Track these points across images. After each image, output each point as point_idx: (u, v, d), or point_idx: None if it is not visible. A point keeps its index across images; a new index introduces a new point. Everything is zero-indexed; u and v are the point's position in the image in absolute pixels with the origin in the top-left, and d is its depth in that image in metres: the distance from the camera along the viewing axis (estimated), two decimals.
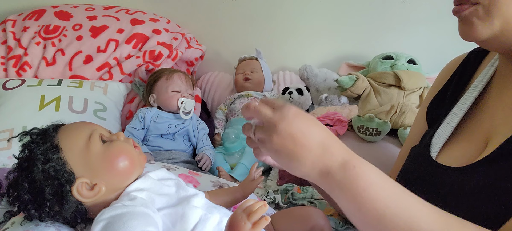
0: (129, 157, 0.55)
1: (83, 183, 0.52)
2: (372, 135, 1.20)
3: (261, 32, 1.71)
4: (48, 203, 0.51)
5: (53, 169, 0.51)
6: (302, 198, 0.94)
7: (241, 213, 0.43)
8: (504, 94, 0.52)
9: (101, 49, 1.40)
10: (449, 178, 0.52)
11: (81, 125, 0.57)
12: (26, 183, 0.51)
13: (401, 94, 1.36)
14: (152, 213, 0.50)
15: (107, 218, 0.47)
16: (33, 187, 0.51)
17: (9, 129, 1.12)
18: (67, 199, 0.52)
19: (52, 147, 0.52)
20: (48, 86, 1.27)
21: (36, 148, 0.52)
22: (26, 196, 0.51)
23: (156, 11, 1.63)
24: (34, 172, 0.51)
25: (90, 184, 0.52)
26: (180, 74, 1.30)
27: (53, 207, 0.52)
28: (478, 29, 0.46)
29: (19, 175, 0.52)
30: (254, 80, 1.52)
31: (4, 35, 1.44)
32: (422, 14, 1.59)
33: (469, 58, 0.64)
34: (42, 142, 0.53)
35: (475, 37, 0.47)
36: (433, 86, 0.70)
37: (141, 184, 0.55)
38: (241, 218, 0.42)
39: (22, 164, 0.53)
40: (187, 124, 1.26)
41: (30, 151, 0.53)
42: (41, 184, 0.51)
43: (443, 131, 0.58)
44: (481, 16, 0.45)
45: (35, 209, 0.52)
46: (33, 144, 0.53)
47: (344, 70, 1.61)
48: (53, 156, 0.51)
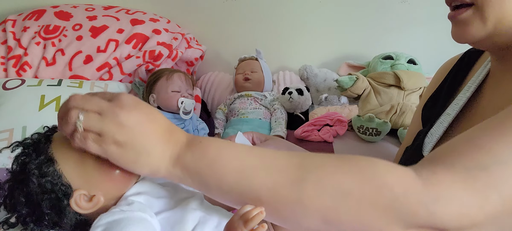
0: None
1: (81, 195, 0.50)
2: (372, 135, 1.20)
3: (261, 32, 1.72)
4: (47, 217, 0.50)
5: (49, 183, 0.49)
6: None
7: (238, 220, 0.42)
8: (496, 95, 0.52)
9: (101, 49, 1.40)
10: None
11: None
12: (23, 197, 0.50)
13: (401, 94, 1.36)
14: (149, 217, 0.49)
15: (104, 224, 0.46)
16: (30, 201, 0.50)
17: (9, 129, 1.12)
18: (65, 212, 0.50)
19: (46, 160, 0.50)
20: (48, 86, 1.26)
21: (30, 162, 0.50)
22: (23, 211, 0.50)
23: (156, 11, 1.63)
24: (30, 186, 0.49)
25: (88, 195, 0.51)
26: (180, 74, 1.30)
27: (52, 219, 0.51)
28: (472, 31, 0.46)
29: (15, 188, 0.51)
30: (254, 80, 1.52)
31: (4, 35, 1.44)
32: (422, 14, 1.59)
33: (464, 59, 0.65)
34: (36, 155, 0.50)
35: (469, 39, 0.48)
36: (429, 87, 0.71)
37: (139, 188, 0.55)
38: (238, 225, 0.42)
39: (17, 177, 0.51)
40: (187, 124, 1.26)
41: (23, 164, 0.51)
42: (38, 198, 0.49)
43: (436, 130, 0.58)
44: (476, 17, 0.46)
45: (34, 223, 0.51)
46: (26, 156, 0.51)
47: (344, 70, 1.61)
48: (48, 169, 0.49)
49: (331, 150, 1.21)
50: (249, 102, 1.48)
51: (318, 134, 1.27)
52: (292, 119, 1.44)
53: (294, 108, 1.45)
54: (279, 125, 1.38)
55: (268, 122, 1.45)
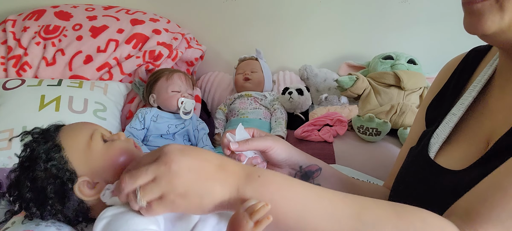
0: (130, 156, 0.55)
1: (85, 181, 0.52)
2: (372, 135, 1.20)
3: (261, 32, 1.72)
4: (50, 201, 0.52)
5: (55, 167, 0.51)
6: None
7: (243, 213, 0.43)
8: (506, 94, 0.51)
9: (101, 49, 1.40)
10: (447, 179, 0.51)
11: (83, 124, 0.57)
12: (28, 181, 0.52)
13: (401, 94, 1.36)
14: None
15: (109, 216, 0.47)
16: (35, 185, 0.51)
17: (9, 129, 1.12)
18: (68, 197, 0.52)
19: (54, 146, 0.52)
20: (48, 86, 1.26)
21: (38, 147, 0.52)
22: (28, 195, 0.52)
23: (156, 11, 1.63)
24: (36, 170, 0.51)
25: (92, 182, 0.53)
26: (180, 74, 1.30)
27: (55, 206, 0.52)
28: (487, 23, 0.44)
29: (21, 173, 0.53)
30: (254, 80, 1.52)
31: (4, 35, 1.44)
32: (422, 14, 1.59)
33: (468, 58, 0.64)
34: (44, 141, 0.53)
35: (482, 31, 0.45)
36: (432, 86, 0.70)
37: None
38: (243, 217, 0.42)
39: (24, 162, 0.53)
40: (187, 124, 1.26)
41: (32, 150, 0.53)
42: (43, 182, 0.51)
43: (442, 131, 0.58)
44: (494, 8, 0.44)
45: (37, 208, 0.52)
46: (35, 142, 0.53)
47: (344, 70, 1.61)
48: (55, 155, 0.52)
49: (331, 150, 1.21)
50: (249, 102, 1.48)
51: (318, 134, 1.27)
52: (292, 119, 1.44)
53: (294, 108, 1.45)
54: (279, 125, 1.38)
55: (268, 122, 1.45)
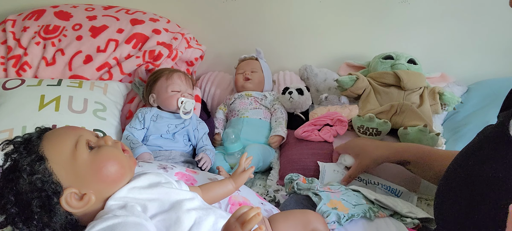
0: (118, 163, 0.53)
1: (72, 193, 0.50)
2: (372, 135, 1.20)
3: (261, 32, 1.71)
4: (36, 216, 0.49)
5: (40, 180, 0.48)
6: (307, 189, 0.92)
7: (235, 222, 0.42)
8: None
9: (101, 49, 1.40)
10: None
11: (66, 131, 0.54)
12: (12, 195, 0.49)
13: (401, 94, 1.36)
14: (144, 221, 0.49)
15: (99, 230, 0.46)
16: (20, 199, 0.49)
17: (9, 129, 1.12)
18: (55, 211, 0.49)
19: (37, 158, 0.49)
20: (48, 86, 1.26)
21: (21, 159, 0.49)
22: (12, 210, 0.49)
23: (156, 11, 1.63)
24: (20, 184, 0.48)
25: (79, 193, 0.50)
26: (180, 74, 1.30)
27: (41, 220, 0.49)
28: None
29: (4, 186, 0.50)
30: (254, 80, 1.52)
31: (4, 35, 1.44)
32: (422, 14, 1.58)
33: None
34: (27, 152, 0.50)
35: None
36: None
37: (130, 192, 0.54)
38: (235, 227, 0.42)
39: (7, 175, 0.50)
40: (187, 124, 1.26)
41: (14, 162, 0.50)
42: (28, 196, 0.48)
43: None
44: None
45: (23, 223, 0.49)
46: (17, 153, 0.50)
47: (344, 70, 1.61)
48: (39, 167, 0.49)
49: (331, 150, 1.21)
50: (249, 102, 1.47)
51: (318, 134, 1.27)
52: (292, 119, 1.44)
53: (294, 108, 1.45)
54: (279, 125, 1.38)
55: (268, 122, 1.45)
